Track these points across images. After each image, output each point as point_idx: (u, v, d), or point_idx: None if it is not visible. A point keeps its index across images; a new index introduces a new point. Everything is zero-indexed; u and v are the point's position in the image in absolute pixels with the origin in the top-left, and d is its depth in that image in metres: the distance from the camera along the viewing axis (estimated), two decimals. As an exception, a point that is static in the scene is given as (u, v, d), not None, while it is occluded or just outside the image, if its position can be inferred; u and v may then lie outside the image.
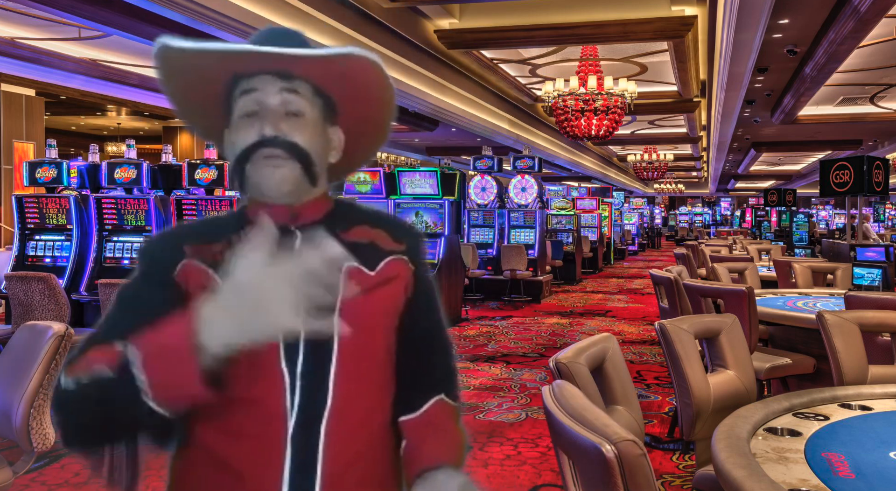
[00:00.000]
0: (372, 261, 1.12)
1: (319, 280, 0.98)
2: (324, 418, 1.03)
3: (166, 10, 6.21)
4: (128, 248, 5.62)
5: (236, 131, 1.09)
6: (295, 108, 1.08)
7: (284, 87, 1.08)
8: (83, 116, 17.00)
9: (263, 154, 1.05)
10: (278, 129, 1.06)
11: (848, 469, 1.52)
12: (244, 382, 1.03)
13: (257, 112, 1.07)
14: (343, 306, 1.05)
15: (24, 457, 2.32)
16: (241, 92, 1.09)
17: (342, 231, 1.12)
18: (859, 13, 7.41)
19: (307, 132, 1.09)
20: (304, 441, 1.02)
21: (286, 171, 1.06)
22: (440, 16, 9.37)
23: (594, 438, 1.19)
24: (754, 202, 31.07)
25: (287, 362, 1.04)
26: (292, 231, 1.10)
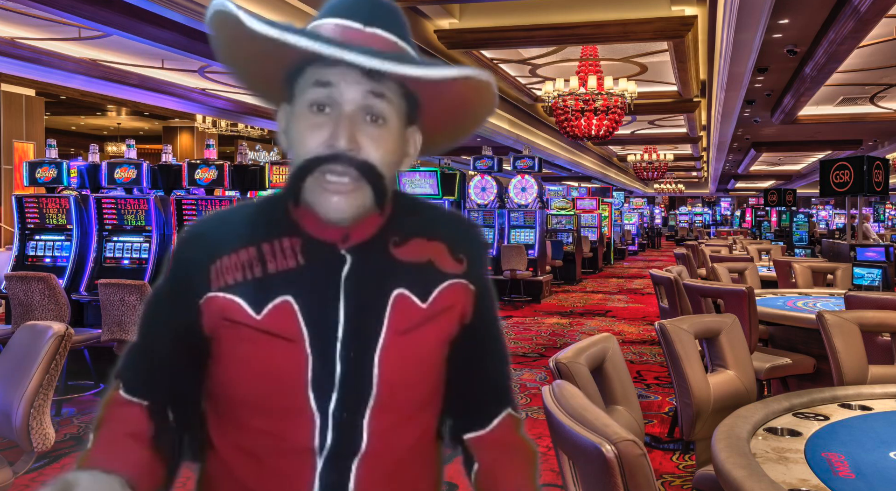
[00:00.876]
0: (426, 287, 0.97)
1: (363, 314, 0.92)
2: (356, 459, 0.93)
3: (166, 10, 6.22)
4: (128, 248, 5.62)
5: (299, 125, 0.91)
6: (379, 110, 0.90)
7: (370, 88, 0.90)
8: (83, 116, 17.01)
9: (331, 171, 0.88)
10: (353, 142, 0.89)
11: (848, 469, 1.52)
12: (264, 416, 0.95)
13: (330, 106, 0.90)
14: (385, 345, 0.94)
15: (24, 457, 2.32)
16: (313, 81, 0.90)
17: (396, 246, 0.97)
18: (859, 13, 7.41)
19: (387, 145, 0.91)
20: (334, 480, 0.93)
21: (354, 199, 0.90)
22: (440, 16, 9.36)
23: (594, 438, 1.19)
24: (754, 202, 31.06)
25: (318, 401, 0.93)
26: (341, 255, 0.95)
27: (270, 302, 0.93)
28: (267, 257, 0.94)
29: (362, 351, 0.93)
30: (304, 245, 0.95)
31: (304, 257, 0.94)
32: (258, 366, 0.93)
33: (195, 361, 0.99)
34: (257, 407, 0.95)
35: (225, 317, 0.94)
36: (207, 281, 0.95)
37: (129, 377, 1.01)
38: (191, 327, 0.97)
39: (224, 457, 0.99)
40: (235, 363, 0.95)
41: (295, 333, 0.92)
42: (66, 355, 2.34)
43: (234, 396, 0.97)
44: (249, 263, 0.94)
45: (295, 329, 0.92)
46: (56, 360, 2.28)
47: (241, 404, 0.96)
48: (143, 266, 5.51)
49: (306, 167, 0.89)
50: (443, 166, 9.17)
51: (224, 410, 0.99)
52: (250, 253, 0.95)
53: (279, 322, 0.92)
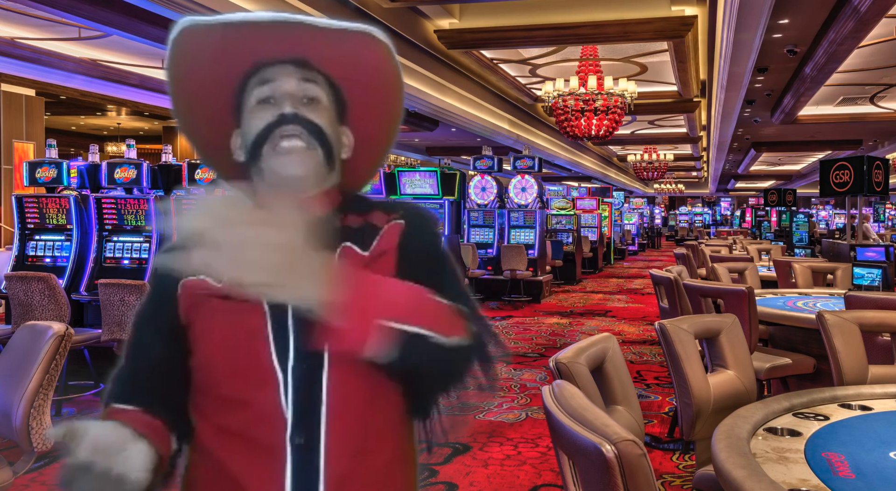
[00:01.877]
0: (366, 240, 1.08)
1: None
2: (322, 414, 0.99)
3: (166, 10, 6.21)
4: (128, 248, 5.62)
5: (250, 121, 1.06)
6: (313, 92, 1.07)
7: (302, 76, 1.06)
8: (83, 116, 17.00)
9: (283, 132, 1.02)
10: (297, 109, 1.04)
11: (848, 469, 1.52)
12: (234, 381, 1.01)
13: (274, 96, 1.05)
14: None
15: (24, 457, 2.32)
16: (256, 82, 1.06)
17: (341, 220, 1.10)
18: (859, 13, 7.41)
19: (325, 119, 1.07)
20: (304, 440, 0.99)
21: (307, 155, 1.03)
22: (440, 16, 9.36)
23: (594, 438, 1.19)
24: (754, 202, 31.07)
25: (278, 357, 1.00)
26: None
27: None
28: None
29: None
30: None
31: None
32: (222, 329, 1.02)
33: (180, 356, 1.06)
34: (226, 374, 1.02)
35: (195, 293, 1.03)
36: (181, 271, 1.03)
37: (118, 390, 1.08)
38: (172, 320, 1.06)
39: (203, 440, 1.04)
40: (204, 335, 1.03)
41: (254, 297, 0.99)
42: (66, 355, 2.34)
43: (207, 369, 1.04)
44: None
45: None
46: (56, 360, 2.28)
47: (213, 376, 1.03)
48: (143, 266, 5.51)
49: (261, 136, 1.03)
50: (443, 166, 9.18)
51: (202, 396, 1.05)
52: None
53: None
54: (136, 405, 1.05)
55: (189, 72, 1.08)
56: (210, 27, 1.04)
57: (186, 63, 1.07)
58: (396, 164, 20.11)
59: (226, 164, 1.14)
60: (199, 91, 1.10)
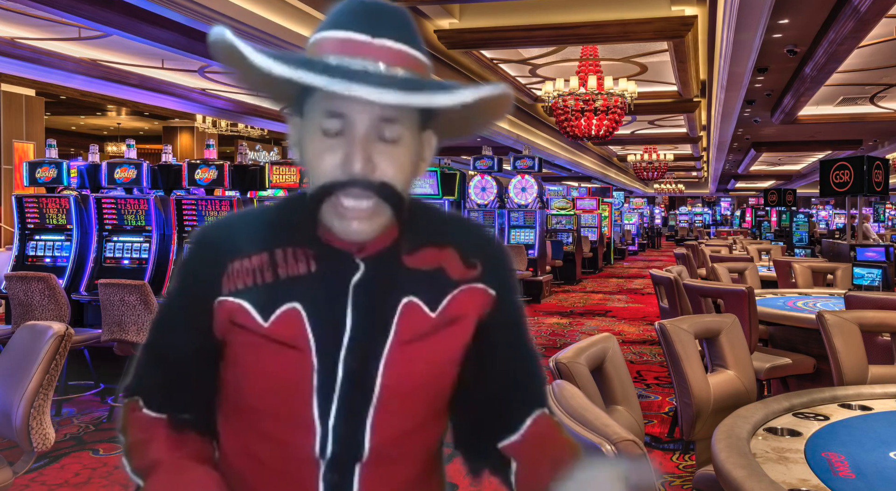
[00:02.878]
0: (436, 294, 0.95)
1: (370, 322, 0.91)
2: (357, 466, 0.93)
3: (166, 10, 6.21)
4: (128, 248, 5.62)
5: (313, 149, 0.88)
6: (392, 134, 0.88)
7: (381, 113, 0.87)
8: (83, 116, 17.01)
9: (348, 195, 0.86)
10: (369, 163, 0.86)
11: (848, 469, 1.52)
12: (270, 420, 0.95)
13: (343, 132, 0.87)
14: (390, 354, 0.92)
15: (24, 457, 2.32)
16: (324, 109, 0.87)
17: (408, 255, 0.95)
18: (859, 13, 7.41)
19: (402, 161, 0.89)
20: (338, 482, 0.93)
21: (373, 222, 0.89)
22: (440, 16, 9.36)
23: (594, 438, 1.19)
24: (754, 202, 31.06)
25: (319, 409, 0.92)
26: (355, 263, 0.93)
27: (278, 308, 0.92)
28: (279, 263, 0.93)
29: (365, 360, 0.92)
30: (319, 252, 0.94)
31: (317, 264, 0.93)
32: (264, 373, 0.93)
33: (211, 366, 0.99)
34: (263, 413, 0.95)
35: (233, 321, 0.93)
36: (219, 284, 0.94)
37: (150, 394, 1.00)
38: (205, 330, 0.96)
39: (232, 460, 0.99)
40: (243, 369, 0.95)
41: (301, 341, 0.91)
42: (66, 355, 2.34)
43: (242, 401, 0.97)
44: (261, 268, 0.93)
45: (302, 337, 0.91)
46: (56, 360, 2.28)
47: (249, 409, 0.96)
48: (143, 266, 5.51)
49: (322, 192, 0.88)
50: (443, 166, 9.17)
51: (232, 413, 0.99)
52: (262, 258, 0.93)
53: (286, 330, 0.91)
54: (168, 412, 0.99)
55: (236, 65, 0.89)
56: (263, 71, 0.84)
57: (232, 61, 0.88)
58: (396, 164, 20.08)
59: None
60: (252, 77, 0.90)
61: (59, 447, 3.90)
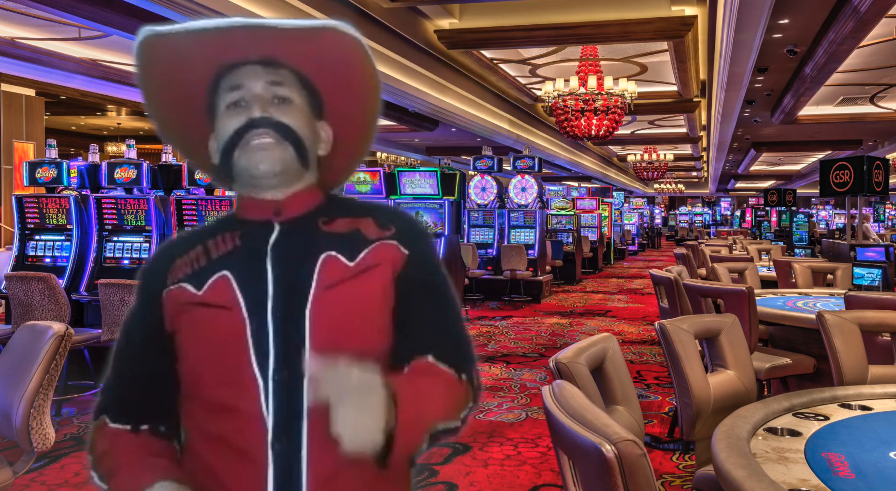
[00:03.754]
0: (353, 249, 1.06)
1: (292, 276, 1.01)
2: (303, 420, 0.98)
3: (166, 10, 6.22)
4: (128, 248, 5.62)
5: (222, 125, 1.06)
6: (282, 92, 1.06)
7: (270, 77, 1.05)
8: (83, 116, 17.01)
9: (253, 135, 1.02)
10: (266, 112, 1.04)
11: (848, 469, 1.52)
12: (217, 388, 1.02)
13: (243, 99, 1.05)
14: (315, 300, 1.01)
15: (24, 457, 2.32)
16: (226, 85, 1.06)
17: (325, 225, 1.08)
18: (859, 13, 7.41)
19: (296, 117, 1.06)
20: (286, 446, 0.98)
21: (277, 152, 1.03)
22: (440, 16, 9.36)
23: (594, 438, 1.19)
24: (754, 202, 31.07)
25: (259, 364, 0.99)
26: (271, 225, 1.07)
27: (209, 279, 1.04)
28: (210, 249, 1.07)
29: (292, 308, 1.01)
30: (242, 230, 1.08)
31: (241, 240, 1.07)
32: (203, 335, 1.03)
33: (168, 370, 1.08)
34: (209, 381, 1.02)
35: (178, 302, 1.05)
36: (165, 281, 1.08)
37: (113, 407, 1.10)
38: (158, 327, 1.07)
39: (192, 444, 1.06)
40: (187, 342, 1.05)
41: (231, 300, 1.02)
42: (66, 355, 2.34)
43: (191, 376, 1.05)
44: (196, 257, 1.07)
45: (231, 297, 1.02)
46: (56, 360, 2.28)
47: (197, 382, 1.04)
48: (143, 266, 5.51)
49: (232, 140, 1.03)
50: (443, 166, 9.17)
51: (188, 401, 1.06)
52: (197, 250, 1.08)
53: (217, 294, 1.03)
54: (132, 423, 1.07)
55: (157, 80, 1.07)
56: (171, 35, 1.03)
57: (153, 72, 1.06)
58: (396, 164, 20.12)
59: (207, 166, 1.15)
60: (170, 98, 1.10)
61: (59, 447, 3.89)
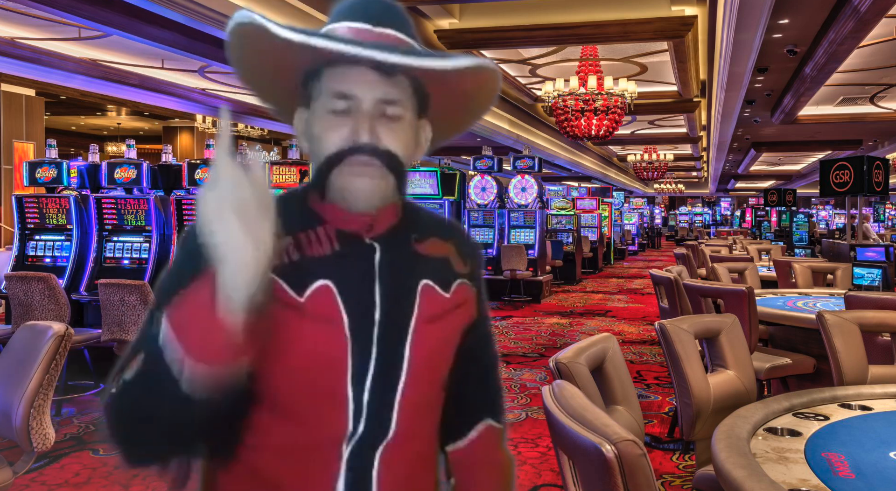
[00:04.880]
0: (447, 279, 1.03)
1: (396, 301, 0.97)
2: (382, 445, 0.96)
3: (166, 10, 6.21)
4: (128, 248, 5.62)
5: (321, 127, 0.95)
6: (394, 112, 0.96)
7: (384, 86, 0.95)
8: (83, 116, 17.01)
9: (356, 162, 0.93)
10: (374, 135, 0.94)
11: (848, 469, 1.52)
12: (303, 402, 0.95)
13: (349, 112, 0.95)
14: (416, 332, 0.98)
15: (24, 457, 2.32)
16: (331, 85, 0.95)
17: (417, 242, 1.03)
18: (859, 13, 7.41)
19: (403, 138, 0.97)
20: (360, 466, 0.95)
21: (380, 183, 0.94)
22: (440, 16, 9.36)
23: (594, 438, 1.19)
24: (754, 202, 31.06)
25: (353, 387, 0.95)
26: (370, 244, 0.99)
27: (311, 285, 0.94)
28: (303, 244, 0.97)
29: (396, 336, 0.97)
30: (335, 235, 0.98)
31: (339, 245, 0.98)
32: (301, 346, 0.93)
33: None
34: (295, 391, 0.94)
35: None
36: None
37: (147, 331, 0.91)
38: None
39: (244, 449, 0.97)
40: (277, 344, 0.93)
41: (335, 315, 0.94)
42: (66, 355, 2.34)
43: (269, 381, 0.94)
44: (286, 248, 0.95)
45: (335, 312, 0.94)
46: (56, 360, 2.28)
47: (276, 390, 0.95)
48: (143, 266, 5.51)
49: (333, 160, 0.94)
50: (443, 166, 9.18)
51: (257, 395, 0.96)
52: (286, 240, 0.95)
53: (320, 304, 0.94)
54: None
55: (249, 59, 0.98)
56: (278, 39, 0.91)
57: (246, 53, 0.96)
58: (396, 164, 20.07)
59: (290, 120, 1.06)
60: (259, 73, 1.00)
61: (59, 447, 3.89)
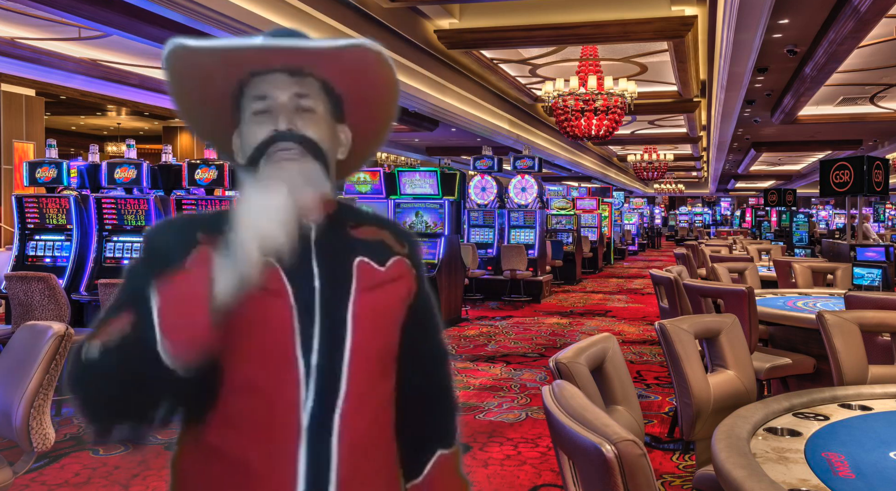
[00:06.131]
0: (381, 256, 1.14)
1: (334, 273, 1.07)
2: (337, 411, 1.04)
3: (166, 10, 6.21)
4: (128, 248, 5.62)
5: (248, 130, 1.10)
6: (307, 104, 1.09)
7: (295, 84, 1.09)
8: (83, 116, 17.00)
9: (278, 148, 1.06)
10: (292, 122, 1.07)
11: (848, 469, 1.52)
12: (258, 371, 1.04)
13: (269, 109, 1.08)
14: (355, 299, 1.08)
15: (24, 457, 2.32)
16: (252, 92, 1.10)
17: (352, 228, 1.15)
18: (859, 13, 7.41)
19: (320, 128, 1.10)
20: (319, 433, 1.03)
21: (302, 165, 1.06)
22: (440, 16, 9.36)
23: (594, 438, 1.19)
24: (754, 202, 31.07)
25: (303, 351, 1.04)
26: (307, 225, 1.10)
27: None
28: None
29: (337, 303, 1.07)
30: None
31: None
32: (250, 316, 1.03)
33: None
34: (247, 360, 1.04)
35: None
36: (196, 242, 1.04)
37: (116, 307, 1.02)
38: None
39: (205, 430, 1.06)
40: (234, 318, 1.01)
41: (280, 287, 1.05)
42: (66, 355, 2.34)
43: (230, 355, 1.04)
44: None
45: (280, 285, 1.05)
46: (56, 360, 2.28)
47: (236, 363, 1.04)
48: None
49: (259, 150, 1.07)
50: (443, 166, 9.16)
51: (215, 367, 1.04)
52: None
53: (267, 279, 1.03)
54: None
55: (183, 86, 1.11)
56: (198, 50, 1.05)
57: (179, 79, 1.10)
58: (396, 164, 20.11)
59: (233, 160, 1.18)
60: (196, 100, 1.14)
61: (59, 447, 3.90)
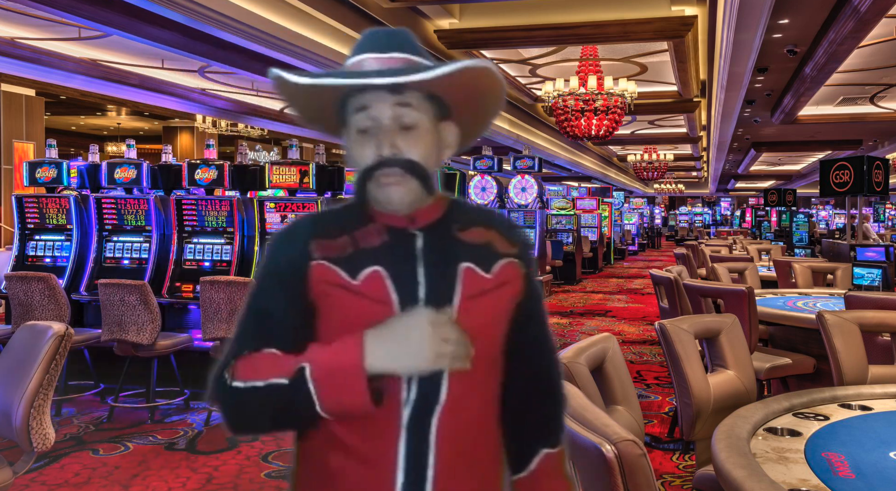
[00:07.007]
0: (488, 262, 1.15)
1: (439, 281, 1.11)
2: (436, 412, 1.08)
3: (166, 10, 6.21)
4: (128, 248, 5.62)
5: (354, 146, 1.14)
6: (408, 121, 1.11)
7: (397, 101, 1.11)
8: (83, 116, 17.01)
9: (382, 174, 1.10)
10: (394, 146, 1.10)
11: (848, 469, 1.52)
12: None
13: (371, 129, 1.11)
14: (459, 308, 1.10)
15: (24, 457, 2.32)
16: (355, 108, 1.13)
17: (459, 231, 1.17)
18: (859, 13, 7.41)
19: (422, 144, 1.12)
20: (418, 429, 1.08)
21: (405, 189, 1.11)
22: (440, 16, 9.36)
23: (594, 438, 1.19)
24: (754, 202, 31.06)
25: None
26: (412, 233, 1.14)
27: (363, 271, 1.11)
28: (357, 239, 1.14)
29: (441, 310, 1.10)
30: (384, 230, 1.15)
31: (386, 238, 1.14)
32: (355, 321, 1.09)
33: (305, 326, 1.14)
34: None
35: (328, 282, 1.11)
36: (309, 255, 1.13)
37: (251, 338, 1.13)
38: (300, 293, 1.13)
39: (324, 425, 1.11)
40: (338, 323, 1.11)
41: (386, 296, 1.10)
42: (66, 355, 2.34)
43: None
44: (343, 244, 1.13)
45: (386, 293, 1.10)
46: (56, 360, 2.28)
47: None
48: (143, 266, 5.51)
49: (364, 175, 1.12)
50: (443, 166, 9.18)
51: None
52: (343, 238, 1.14)
53: (372, 287, 1.10)
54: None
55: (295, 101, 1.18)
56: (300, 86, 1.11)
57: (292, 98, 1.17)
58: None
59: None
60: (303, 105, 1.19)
61: (59, 447, 3.90)
